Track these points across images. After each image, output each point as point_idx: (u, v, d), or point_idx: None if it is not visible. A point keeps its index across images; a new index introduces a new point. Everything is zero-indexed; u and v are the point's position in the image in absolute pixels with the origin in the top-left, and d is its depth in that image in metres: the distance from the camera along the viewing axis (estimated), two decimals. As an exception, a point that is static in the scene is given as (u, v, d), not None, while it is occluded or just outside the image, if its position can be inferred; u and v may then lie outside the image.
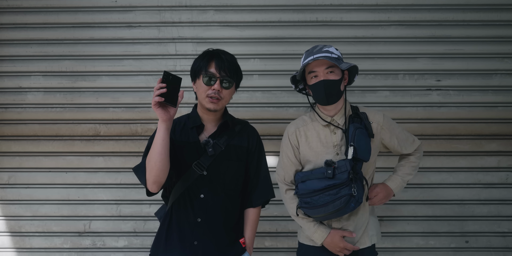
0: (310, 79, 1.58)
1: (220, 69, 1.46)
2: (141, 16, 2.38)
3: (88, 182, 2.40)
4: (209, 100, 1.46)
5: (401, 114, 2.38)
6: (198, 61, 1.50)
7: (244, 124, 1.64)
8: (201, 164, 1.48)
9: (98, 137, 2.40)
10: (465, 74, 2.37)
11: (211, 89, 1.46)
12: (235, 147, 1.55)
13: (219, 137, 1.52)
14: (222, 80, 1.47)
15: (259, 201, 1.61)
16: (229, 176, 1.53)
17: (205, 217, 1.49)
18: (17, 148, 2.41)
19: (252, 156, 1.60)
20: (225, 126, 1.55)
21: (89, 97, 2.40)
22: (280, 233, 2.39)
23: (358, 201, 1.52)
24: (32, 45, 2.40)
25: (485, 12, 2.36)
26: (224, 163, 1.52)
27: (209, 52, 1.51)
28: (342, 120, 1.62)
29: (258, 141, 1.65)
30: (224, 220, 1.53)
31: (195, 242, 1.48)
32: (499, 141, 2.37)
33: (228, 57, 1.50)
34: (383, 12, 2.36)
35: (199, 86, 1.48)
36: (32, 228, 2.41)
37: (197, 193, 1.50)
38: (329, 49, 1.57)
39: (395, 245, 2.39)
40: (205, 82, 1.46)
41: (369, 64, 2.35)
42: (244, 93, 2.39)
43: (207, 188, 1.50)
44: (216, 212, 1.51)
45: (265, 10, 2.37)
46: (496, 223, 2.38)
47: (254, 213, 1.61)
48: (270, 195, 1.64)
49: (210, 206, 1.50)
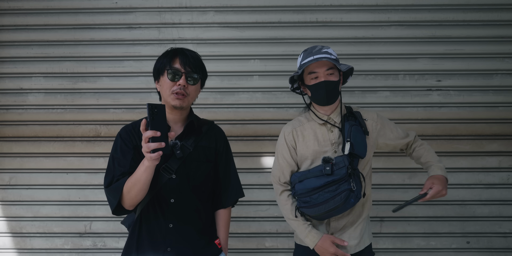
0: (309, 79, 1.57)
1: (185, 65, 1.41)
2: (141, 17, 2.39)
3: (88, 183, 2.40)
4: (175, 97, 1.41)
5: (402, 114, 2.37)
6: (161, 59, 1.45)
7: (210, 124, 1.58)
8: (169, 168, 1.41)
9: (98, 138, 2.41)
10: (466, 74, 2.37)
11: (176, 85, 1.41)
12: (203, 148, 1.50)
13: (186, 139, 1.47)
14: (188, 76, 1.42)
15: (230, 201, 1.58)
16: (199, 178, 1.48)
17: (177, 222, 1.43)
18: (18, 149, 2.42)
19: (220, 157, 1.56)
20: (192, 126, 1.50)
21: (90, 98, 2.41)
22: (281, 234, 2.39)
23: (357, 196, 1.53)
24: (33, 47, 2.41)
25: (486, 12, 2.35)
26: (193, 165, 1.46)
27: (172, 50, 1.47)
28: (338, 118, 1.63)
29: (225, 141, 1.61)
30: (197, 224, 1.48)
31: (168, 248, 1.42)
32: (500, 141, 2.37)
33: (192, 54, 1.46)
34: (383, 12, 2.36)
35: (163, 83, 1.43)
36: (33, 228, 2.42)
37: (167, 198, 1.43)
38: (328, 50, 1.57)
39: (396, 246, 2.39)
40: (170, 78, 1.40)
41: (369, 65, 2.35)
42: (244, 94, 2.39)
43: (178, 191, 1.43)
44: (188, 216, 1.46)
45: (265, 11, 2.37)
46: (497, 224, 2.37)
47: (226, 214, 1.59)
48: (240, 195, 1.62)
49: (181, 210, 1.45)
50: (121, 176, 1.37)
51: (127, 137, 1.44)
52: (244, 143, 2.38)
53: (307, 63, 1.53)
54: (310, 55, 1.56)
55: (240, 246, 2.39)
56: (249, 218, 2.40)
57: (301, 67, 1.56)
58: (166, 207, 1.44)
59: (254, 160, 2.39)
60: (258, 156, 2.39)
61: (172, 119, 1.49)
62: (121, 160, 1.40)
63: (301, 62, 1.59)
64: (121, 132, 1.47)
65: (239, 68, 2.39)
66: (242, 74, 2.40)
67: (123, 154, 1.41)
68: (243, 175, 2.33)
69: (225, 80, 2.39)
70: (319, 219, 1.62)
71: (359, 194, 1.54)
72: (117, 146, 1.43)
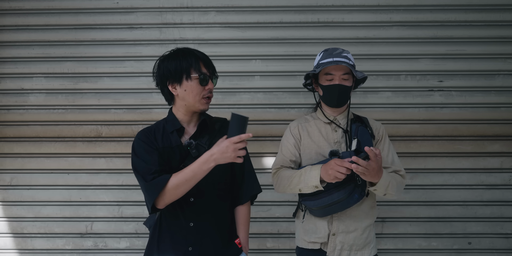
0: (325, 80, 1.60)
1: (208, 68, 1.44)
2: (142, 17, 2.39)
3: (90, 184, 2.40)
4: (205, 101, 1.45)
5: (403, 115, 2.37)
6: (178, 62, 1.41)
7: (223, 121, 1.59)
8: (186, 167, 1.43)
9: (100, 139, 2.41)
10: (468, 75, 2.37)
11: (205, 89, 1.43)
12: None
13: (200, 138, 1.48)
14: (212, 78, 1.47)
15: (247, 196, 1.57)
16: (217, 176, 1.47)
17: (197, 221, 1.45)
18: (19, 149, 2.41)
19: None
20: (205, 125, 1.51)
21: (91, 98, 2.41)
22: (282, 234, 2.39)
23: (361, 193, 1.53)
24: (34, 47, 2.40)
25: (488, 12, 2.34)
26: None
27: (186, 51, 1.45)
28: (344, 121, 1.67)
29: None
30: (217, 222, 1.49)
31: (190, 248, 1.43)
32: (502, 142, 2.36)
33: (205, 54, 1.48)
34: (385, 12, 2.36)
35: (191, 88, 1.42)
36: (34, 229, 2.42)
37: (186, 197, 1.43)
38: (347, 55, 1.61)
39: (398, 247, 2.38)
40: (201, 83, 1.42)
41: (371, 65, 2.35)
42: (245, 94, 2.39)
43: (196, 190, 1.43)
44: (208, 215, 1.47)
45: (266, 11, 2.37)
46: (499, 225, 2.37)
47: (245, 211, 1.58)
48: (256, 190, 1.59)
49: (201, 209, 1.46)
50: (155, 173, 1.38)
51: (148, 140, 1.45)
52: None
53: (326, 64, 1.56)
54: (330, 57, 1.59)
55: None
56: (251, 218, 2.38)
57: (319, 66, 1.58)
58: (186, 206, 1.45)
59: (255, 161, 2.38)
60: (259, 156, 2.39)
61: (186, 120, 1.50)
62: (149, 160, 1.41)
63: (320, 62, 1.61)
64: (140, 136, 1.47)
65: (240, 68, 2.38)
66: (244, 75, 2.39)
67: (150, 154, 1.42)
68: (245, 175, 2.34)
69: (227, 80, 2.38)
70: (321, 214, 1.60)
71: (363, 191, 1.54)
72: (141, 149, 1.43)
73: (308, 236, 1.66)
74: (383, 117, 2.34)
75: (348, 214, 1.60)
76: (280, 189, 1.65)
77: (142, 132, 1.49)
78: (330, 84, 1.58)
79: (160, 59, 1.46)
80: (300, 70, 2.35)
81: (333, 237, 1.61)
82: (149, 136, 1.46)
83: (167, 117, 1.53)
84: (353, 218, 1.61)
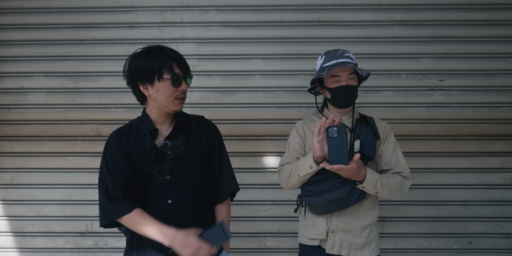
0: (331, 82, 1.60)
1: (181, 68, 1.38)
2: (142, 16, 2.38)
3: (90, 182, 2.40)
4: (179, 102, 1.40)
5: (404, 114, 2.36)
6: (150, 61, 1.35)
7: (200, 119, 1.55)
8: (162, 169, 1.40)
9: (100, 138, 2.40)
10: (469, 74, 2.36)
11: (179, 90, 1.38)
12: (195, 144, 1.47)
13: (176, 138, 1.44)
14: (185, 79, 1.41)
15: (225, 194, 1.53)
16: (194, 176, 1.45)
17: (176, 223, 1.38)
18: (19, 148, 2.41)
19: (213, 150, 1.52)
20: (180, 125, 1.47)
21: (91, 97, 2.41)
22: (282, 234, 2.39)
23: (361, 194, 1.53)
24: (34, 46, 2.40)
25: (489, 11, 2.34)
26: (186, 163, 1.44)
27: (158, 50, 1.38)
28: (349, 121, 1.67)
29: (217, 134, 1.57)
30: (197, 223, 1.42)
31: (170, 250, 1.38)
32: (503, 141, 2.35)
33: (179, 53, 1.42)
34: (386, 11, 2.35)
35: (164, 89, 1.36)
36: (35, 228, 2.42)
37: (164, 200, 1.41)
38: (349, 55, 1.62)
39: (398, 246, 2.38)
40: (174, 84, 1.37)
41: (371, 64, 2.34)
42: (246, 93, 2.38)
43: (174, 192, 1.41)
44: (186, 216, 1.43)
45: (267, 10, 2.36)
46: (499, 224, 2.37)
47: (224, 209, 1.53)
48: (233, 188, 1.55)
49: (179, 210, 1.42)
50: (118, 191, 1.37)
51: (117, 146, 1.41)
52: (245, 142, 2.37)
53: (332, 66, 1.56)
54: (333, 59, 1.59)
55: (241, 246, 2.39)
56: (251, 217, 2.39)
57: (324, 70, 1.59)
58: (164, 208, 1.42)
59: (256, 160, 2.39)
60: (259, 155, 2.39)
61: (160, 121, 1.46)
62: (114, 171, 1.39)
63: (323, 65, 1.62)
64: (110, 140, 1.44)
65: (240, 67, 2.38)
66: (244, 74, 2.39)
67: (114, 164, 1.40)
68: (245, 174, 2.33)
69: (227, 79, 2.38)
70: (320, 211, 1.60)
71: (364, 192, 1.54)
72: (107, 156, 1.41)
73: (308, 232, 1.67)
74: (384, 116, 2.32)
75: (348, 212, 1.60)
76: (284, 182, 1.66)
77: (113, 135, 1.45)
78: (338, 85, 1.59)
79: (131, 57, 1.41)
80: (300, 69, 2.35)
81: (332, 235, 1.61)
82: (119, 140, 1.42)
83: (141, 117, 1.48)
84: (352, 217, 1.61)
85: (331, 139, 1.41)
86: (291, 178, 1.59)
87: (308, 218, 1.68)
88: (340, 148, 1.40)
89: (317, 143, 1.45)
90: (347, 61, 1.58)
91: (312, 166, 1.49)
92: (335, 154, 1.40)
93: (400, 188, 1.57)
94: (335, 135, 1.40)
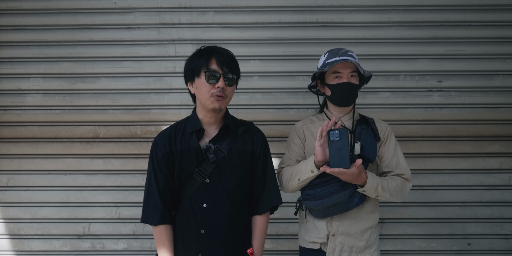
0: (332, 78, 1.58)
1: (221, 65, 1.37)
2: (140, 17, 2.38)
3: (87, 184, 2.39)
4: (215, 99, 1.37)
5: (402, 115, 2.36)
6: (195, 59, 1.39)
7: (248, 125, 1.54)
8: (202, 172, 1.40)
9: (97, 139, 2.39)
10: (467, 75, 2.36)
11: (215, 87, 1.37)
12: (238, 151, 1.45)
13: (221, 142, 1.43)
14: (225, 77, 1.38)
15: (266, 207, 1.51)
16: (233, 183, 1.43)
17: (209, 228, 1.40)
18: (16, 150, 2.40)
19: (257, 160, 1.50)
20: (227, 128, 1.46)
21: (89, 99, 2.40)
22: (281, 236, 2.38)
23: (361, 198, 1.52)
24: (31, 47, 2.39)
25: (487, 12, 2.34)
26: (227, 169, 1.43)
27: (206, 49, 1.41)
28: (349, 122, 1.64)
29: (263, 143, 1.54)
30: (229, 231, 1.43)
31: (199, 255, 1.41)
32: (501, 142, 2.35)
33: (227, 52, 1.42)
34: (384, 13, 2.35)
35: (201, 86, 1.38)
36: (31, 230, 2.41)
37: (200, 203, 1.41)
38: (352, 54, 1.61)
39: (397, 248, 2.37)
40: (208, 81, 1.36)
41: (370, 65, 2.33)
42: (244, 95, 2.38)
43: (210, 196, 1.40)
44: (220, 223, 1.42)
45: (265, 11, 2.36)
46: (498, 225, 2.36)
47: (262, 221, 1.51)
48: (276, 201, 1.53)
49: (213, 216, 1.41)
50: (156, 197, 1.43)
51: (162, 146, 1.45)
52: (244, 144, 2.37)
53: (334, 62, 1.55)
54: (336, 56, 1.58)
55: (240, 248, 2.37)
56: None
57: (326, 66, 1.57)
58: (198, 212, 1.41)
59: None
60: (258, 157, 2.38)
61: (206, 121, 1.46)
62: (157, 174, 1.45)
63: (326, 61, 1.60)
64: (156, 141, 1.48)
65: (239, 68, 2.37)
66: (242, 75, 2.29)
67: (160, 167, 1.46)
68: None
69: (225, 80, 2.37)
70: (320, 215, 1.59)
71: (364, 196, 1.53)
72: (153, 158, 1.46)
73: (308, 236, 1.65)
74: (382, 117, 2.30)
75: (348, 216, 1.59)
76: (284, 185, 1.64)
77: (160, 135, 1.48)
78: (338, 82, 1.57)
79: (187, 59, 1.46)
80: (299, 70, 2.35)
81: (333, 238, 1.60)
82: (165, 141, 1.45)
83: (190, 116, 1.49)
84: (353, 220, 1.60)
85: (332, 142, 1.39)
86: (291, 181, 1.57)
87: (309, 221, 1.66)
88: (342, 152, 1.38)
89: (318, 147, 1.44)
90: (349, 58, 1.56)
91: (313, 171, 1.48)
92: (336, 158, 1.39)
93: (401, 191, 1.56)
94: (337, 138, 1.39)
